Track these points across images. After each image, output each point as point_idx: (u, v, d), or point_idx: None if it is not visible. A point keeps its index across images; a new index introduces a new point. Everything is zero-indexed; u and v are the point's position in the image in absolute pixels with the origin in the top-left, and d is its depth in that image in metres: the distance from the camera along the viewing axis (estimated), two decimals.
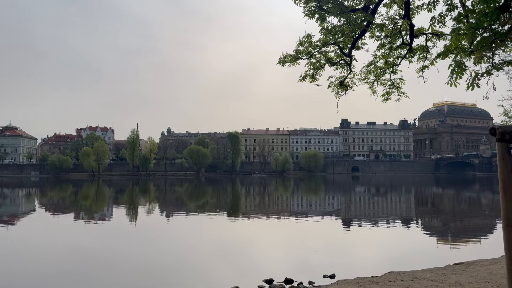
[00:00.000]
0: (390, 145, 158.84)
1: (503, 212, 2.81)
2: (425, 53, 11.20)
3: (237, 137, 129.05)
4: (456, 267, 9.50)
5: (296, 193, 52.86)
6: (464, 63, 8.14)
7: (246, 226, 22.60)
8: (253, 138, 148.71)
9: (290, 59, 11.19)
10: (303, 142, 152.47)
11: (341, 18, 10.02)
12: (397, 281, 7.59)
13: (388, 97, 12.36)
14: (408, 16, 10.33)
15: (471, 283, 6.89)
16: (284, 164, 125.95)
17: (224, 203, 39.44)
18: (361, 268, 10.77)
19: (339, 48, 11.14)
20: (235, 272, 11.82)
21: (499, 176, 2.84)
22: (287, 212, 29.36)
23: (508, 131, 2.81)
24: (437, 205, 36.86)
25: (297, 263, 12.95)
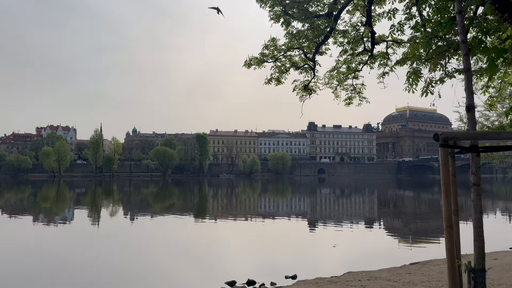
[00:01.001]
0: (354, 148, 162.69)
1: (444, 214, 2.98)
2: (385, 60, 11.59)
3: (205, 138, 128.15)
4: (411, 267, 9.89)
5: (264, 195, 53.13)
6: (420, 71, 8.50)
7: (212, 228, 22.51)
8: (221, 140, 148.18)
9: (256, 62, 11.28)
10: (271, 144, 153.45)
11: (305, 24, 10.23)
12: (354, 281, 7.81)
13: (350, 102, 12.70)
14: (369, 23, 10.67)
15: (423, 282, 7.20)
16: (252, 166, 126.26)
17: (191, 205, 39.07)
18: (322, 268, 10.99)
19: (304, 53, 11.35)
20: (198, 274, 11.75)
21: (441, 179, 3.01)
22: (254, 214, 29.47)
23: (450, 137, 2.98)
24: (399, 207, 38.11)
25: (261, 264, 13.03)
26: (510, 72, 8.60)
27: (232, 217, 27.08)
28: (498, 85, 9.67)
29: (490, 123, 14.72)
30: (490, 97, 9.75)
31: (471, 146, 3.07)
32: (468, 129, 3.21)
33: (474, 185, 3.15)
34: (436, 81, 7.11)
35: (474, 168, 3.17)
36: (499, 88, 9.65)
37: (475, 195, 3.15)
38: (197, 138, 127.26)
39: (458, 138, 3.08)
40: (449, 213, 2.94)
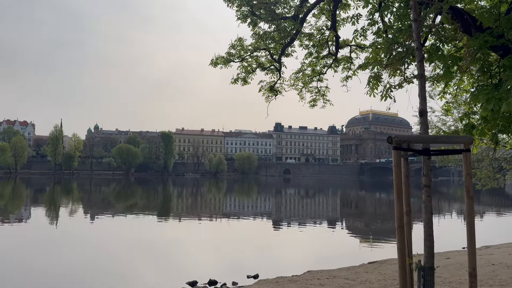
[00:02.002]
0: (319, 149, 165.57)
1: (396, 214, 3.09)
2: (348, 64, 11.88)
3: (171, 137, 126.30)
4: (369, 266, 10.19)
5: (229, 195, 53.03)
6: (381, 76, 8.76)
7: (175, 228, 22.22)
8: (187, 138, 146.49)
9: (222, 61, 11.25)
10: (237, 144, 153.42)
11: (272, 25, 10.31)
12: (314, 279, 7.96)
13: (315, 104, 12.92)
14: (334, 27, 10.90)
15: (379, 280, 7.44)
16: (218, 166, 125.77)
17: (154, 204, 38.38)
18: (284, 267, 11.10)
19: (270, 54, 11.43)
20: (159, 274, 11.56)
21: (394, 181, 3.12)
22: (219, 214, 29.36)
23: (403, 140, 3.10)
24: (360, 208, 39.14)
25: (224, 264, 13.00)
26: (465, 79, 9.04)
27: (196, 217, 26.85)
28: (454, 91, 10.14)
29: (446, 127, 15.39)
30: (446, 102, 10.21)
31: (422, 149, 3.20)
32: (421, 132, 3.34)
33: (425, 187, 3.29)
34: (395, 86, 7.36)
35: (425, 170, 3.31)
36: (455, 94, 10.11)
37: (426, 196, 3.29)
38: (162, 136, 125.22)
39: (410, 142, 3.20)
40: (401, 214, 3.06)
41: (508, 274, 7.00)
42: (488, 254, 10.41)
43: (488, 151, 14.79)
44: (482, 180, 15.87)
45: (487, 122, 6.93)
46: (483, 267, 8.07)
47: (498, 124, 7.04)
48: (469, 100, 7.08)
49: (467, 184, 3.15)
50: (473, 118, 7.90)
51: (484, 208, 37.09)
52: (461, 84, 8.78)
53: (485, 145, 11.19)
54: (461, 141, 3.17)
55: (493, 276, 6.94)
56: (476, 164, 16.18)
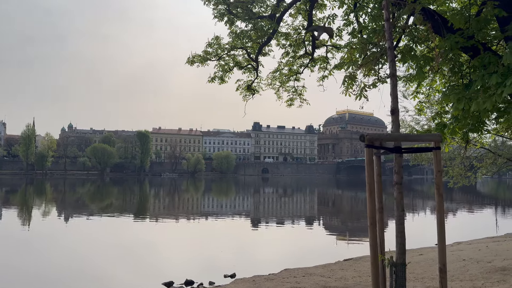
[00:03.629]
0: (297, 148, 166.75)
1: (368, 212, 3.12)
2: (325, 64, 11.99)
3: (147, 136, 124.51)
4: (345, 263, 10.32)
5: (207, 194, 52.74)
6: (356, 75, 8.87)
7: (152, 228, 21.93)
8: (164, 138, 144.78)
9: (199, 59, 11.16)
10: (216, 143, 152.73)
11: (248, 24, 10.29)
12: (290, 277, 8.00)
13: (292, 103, 12.99)
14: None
15: (354, 277, 7.55)
16: (196, 165, 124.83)
17: (130, 204, 37.76)
18: (261, 266, 11.11)
19: (247, 53, 11.41)
20: (134, 275, 11.38)
21: (366, 179, 3.15)
22: (197, 213, 29.16)
23: (374, 138, 3.13)
24: (337, 205, 39.63)
25: (201, 264, 12.91)
26: (437, 79, 9.27)
27: (173, 217, 26.57)
28: (427, 91, 10.38)
29: (420, 126, 15.78)
30: (419, 102, 10.44)
31: (394, 147, 3.25)
32: (393, 131, 3.39)
33: (396, 184, 3.34)
34: (369, 85, 7.46)
35: (397, 168, 3.36)
36: (427, 94, 10.35)
37: (397, 194, 3.34)
38: (139, 135, 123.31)
39: (382, 140, 3.24)
40: (373, 211, 3.09)
41: (477, 269, 7.22)
42: (459, 250, 10.72)
43: (459, 149, 15.25)
44: (454, 178, 16.36)
45: (458, 121, 7.11)
46: (454, 262, 8.30)
47: (469, 123, 7.24)
48: (441, 100, 7.25)
49: (437, 181, 3.21)
50: (445, 117, 8.09)
51: (457, 205, 38.20)
52: (433, 84, 9.00)
53: (456, 144, 11.52)
54: (431, 139, 3.23)
55: (463, 272, 7.15)
56: (448, 162, 16.66)
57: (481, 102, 5.77)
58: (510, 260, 7.71)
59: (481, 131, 8.07)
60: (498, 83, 5.74)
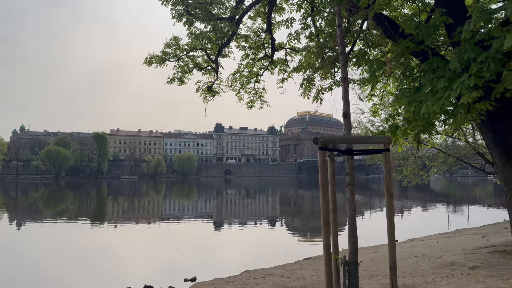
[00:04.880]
0: (260, 149, 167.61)
1: (322, 212, 3.19)
2: (284, 66, 12.14)
3: (105, 138, 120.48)
4: (304, 262, 10.48)
5: (168, 197, 51.83)
6: (314, 78, 9.04)
7: (110, 233, 21.26)
8: (123, 140, 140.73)
9: (157, 60, 10.97)
10: (177, 145, 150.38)
11: (208, 25, 10.23)
12: (250, 279, 8.01)
13: (252, 105, 13.04)
14: (270, 30, 11.08)
15: (312, 276, 7.68)
16: (156, 168, 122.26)
17: (87, 209, 36.41)
18: (222, 269, 11.06)
19: (207, 54, 11.34)
20: (91, 282, 10.98)
21: (320, 180, 3.22)
22: (157, 217, 28.58)
23: (328, 141, 3.20)
24: (299, 206, 40.19)
25: (161, 268, 12.67)
26: (390, 83, 9.62)
27: (133, 221, 25.89)
28: (381, 94, 10.75)
29: (375, 128, 16.32)
30: (374, 104, 10.80)
31: (346, 149, 3.34)
32: (345, 133, 3.48)
33: (348, 185, 3.44)
34: (325, 88, 7.62)
35: (349, 170, 3.45)
36: (381, 97, 10.73)
37: (349, 194, 3.44)
38: (95, 137, 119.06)
39: (335, 142, 3.32)
40: (326, 211, 3.16)
41: (429, 265, 7.56)
42: (412, 246, 11.18)
43: (412, 150, 15.93)
44: (408, 177, 17.05)
45: (409, 123, 7.42)
46: (407, 259, 8.65)
47: (419, 125, 7.56)
48: (393, 102, 7.54)
49: (387, 182, 3.33)
50: (397, 119, 8.41)
51: (412, 203, 39.84)
52: (386, 87, 9.34)
53: (409, 144, 12.02)
54: (381, 141, 3.35)
55: (415, 268, 7.46)
56: (402, 162, 17.35)
57: (430, 104, 6.05)
58: (458, 255, 8.14)
59: (431, 132, 8.47)
60: (446, 87, 6.05)
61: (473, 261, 7.37)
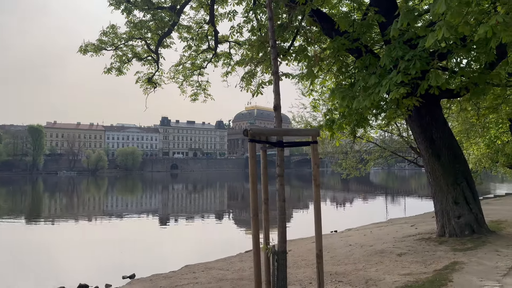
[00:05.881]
0: (207, 143, 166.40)
1: (251, 204, 3.22)
2: (228, 60, 12.11)
3: (40, 131, 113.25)
4: (245, 254, 10.60)
5: (110, 193, 49.93)
6: (256, 72, 9.09)
7: (45, 230, 20.10)
8: (61, 133, 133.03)
9: (92, 48, 10.50)
10: (120, 138, 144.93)
11: (147, 14, 9.93)
12: (189, 273, 7.96)
13: (196, 98, 12.89)
14: (212, 22, 10.98)
15: (251, 268, 7.68)
16: (97, 162, 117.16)
17: (20, 206, 34.11)
18: (163, 265, 10.84)
19: (146, 44, 11.03)
20: (22, 282, 10.32)
21: (249, 171, 3.24)
22: (98, 214, 27.45)
23: (258, 133, 3.23)
24: (246, 199, 40.45)
25: (98, 266, 12.19)
26: (328, 79, 9.93)
27: (71, 218, 24.64)
28: (320, 89, 11.08)
29: (317, 122, 16.83)
30: (313, 99, 11.11)
31: (277, 141, 3.40)
32: (275, 126, 3.54)
33: (278, 176, 3.50)
34: (265, 82, 7.71)
35: (279, 161, 3.52)
36: (320, 92, 11.07)
37: (279, 185, 3.50)
38: (30, 130, 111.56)
39: (265, 134, 3.36)
40: (255, 203, 3.20)
41: (361, 253, 7.95)
42: (348, 236, 11.68)
43: (351, 143, 16.63)
44: (347, 170, 17.78)
45: (344, 118, 7.72)
46: (342, 248, 9.03)
47: (354, 119, 7.89)
48: (329, 98, 7.80)
49: (314, 173, 3.43)
50: (335, 114, 8.72)
51: (352, 195, 41.63)
52: (324, 82, 9.65)
53: (345, 138, 12.51)
54: (309, 133, 3.44)
55: (348, 256, 7.80)
56: (341, 156, 18.07)
57: (362, 100, 6.34)
58: (388, 243, 8.63)
59: (365, 127, 8.89)
60: (376, 83, 6.36)
61: (401, 248, 7.85)
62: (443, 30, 4.37)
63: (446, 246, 7.57)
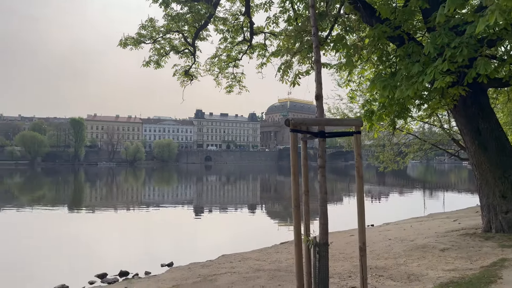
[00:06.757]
0: (240, 136, 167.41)
1: (292, 196, 3.17)
2: (263, 51, 12.03)
3: (82, 123, 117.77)
4: (280, 246, 10.59)
5: (148, 184, 51.37)
6: (292, 63, 8.98)
7: (88, 219, 20.95)
8: (100, 125, 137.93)
9: (132, 42, 10.70)
10: (156, 131, 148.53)
11: (184, 6, 10.01)
12: (226, 263, 8.05)
13: (231, 90, 12.92)
14: (248, 13, 10.92)
15: (288, 259, 7.78)
16: (135, 153, 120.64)
17: (64, 196, 35.77)
18: (200, 254, 11.04)
19: (183, 37, 11.13)
20: (67, 268, 10.82)
21: (291, 162, 3.19)
22: (136, 203, 28.32)
23: (299, 123, 3.17)
24: (279, 191, 40.45)
25: (139, 254, 12.58)
26: (367, 68, 9.66)
27: (111, 207, 25.58)
28: (358, 79, 10.79)
29: (353, 114, 16.46)
30: (351, 90, 10.85)
31: (318, 131, 3.32)
32: (317, 116, 3.46)
33: (320, 168, 3.43)
34: (302, 72, 7.59)
35: (320, 152, 3.44)
36: (358, 83, 10.78)
37: (320, 177, 3.43)
38: (72, 123, 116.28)
39: (307, 124, 3.30)
40: (297, 194, 3.15)
41: (401, 247, 7.73)
42: (386, 230, 11.41)
43: (389, 136, 16.16)
44: (384, 163, 17.32)
45: (384, 108, 7.49)
46: (381, 242, 8.83)
47: (395, 110, 7.64)
48: (368, 87, 7.58)
49: (357, 164, 3.34)
50: (374, 105, 8.47)
51: (388, 189, 40.67)
52: (363, 72, 9.39)
53: (385, 130, 12.16)
54: (352, 123, 3.34)
55: (388, 250, 7.62)
56: (379, 148, 17.60)
57: (404, 89, 6.11)
58: (430, 238, 8.34)
59: (406, 118, 8.58)
60: (420, 72, 6.10)
61: (444, 243, 7.56)
62: (495, 15, 4.11)
63: (493, 242, 7.23)
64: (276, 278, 6.25)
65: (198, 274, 7.22)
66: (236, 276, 6.54)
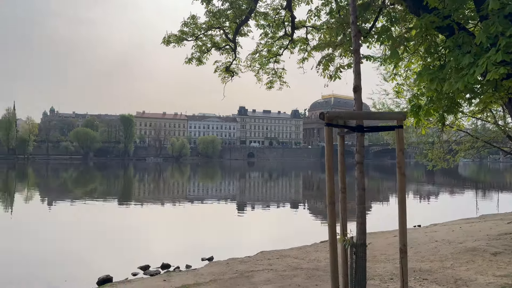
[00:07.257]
0: (283, 132, 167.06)
1: (327, 192, 3.04)
2: (305, 45, 11.80)
3: (131, 120, 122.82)
4: (320, 245, 10.39)
5: (193, 179, 52.56)
6: (334, 56, 8.72)
7: (135, 213, 21.74)
8: (148, 122, 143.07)
9: (175, 39, 10.86)
10: (201, 127, 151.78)
11: (225, 2, 10.02)
12: (264, 259, 8.00)
13: (272, 86, 12.81)
14: (289, 7, 10.75)
15: (327, 259, 7.57)
16: (181, 149, 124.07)
17: (114, 189, 37.41)
18: (240, 249, 11.09)
19: (224, 33, 11.15)
20: (112, 259, 11.27)
21: (325, 157, 3.06)
22: (181, 198, 29.03)
23: (335, 116, 3.03)
24: (322, 189, 39.89)
25: (181, 248, 12.87)
26: (414, 61, 9.18)
27: (157, 201, 26.41)
28: (404, 73, 10.30)
29: (400, 109, 15.80)
30: (397, 84, 10.38)
31: (356, 126, 3.16)
32: (355, 109, 3.29)
33: (357, 164, 3.26)
34: (344, 66, 7.34)
35: (358, 147, 3.27)
36: (405, 76, 10.29)
37: (358, 173, 3.26)
38: (122, 119, 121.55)
39: (342, 118, 3.14)
40: (332, 191, 3.01)
41: (448, 250, 7.30)
42: (433, 231, 10.86)
43: (438, 132, 15.37)
44: (433, 161, 16.51)
45: (432, 103, 7.07)
46: (427, 243, 8.40)
47: (444, 105, 7.19)
48: (415, 81, 7.18)
49: (399, 160, 3.14)
50: (421, 99, 8.03)
51: (438, 188, 38.89)
52: (410, 65, 8.93)
53: (433, 126, 11.53)
54: (394, 117, 3.15)
55: (434, 252, 7.22)
56: (427, 146, 16.80)
57: (454, 82, 5.71)
58: (480, 241, 7.82)
59: (456, 113, 8.06)
60: (471, 63, 5.67)
61: (496, 247, 7.06)
62: None
63: None
64: (314, 278, 6.11)
65: (235, 270, 7.23)
66: (273, 274, 6.48)
